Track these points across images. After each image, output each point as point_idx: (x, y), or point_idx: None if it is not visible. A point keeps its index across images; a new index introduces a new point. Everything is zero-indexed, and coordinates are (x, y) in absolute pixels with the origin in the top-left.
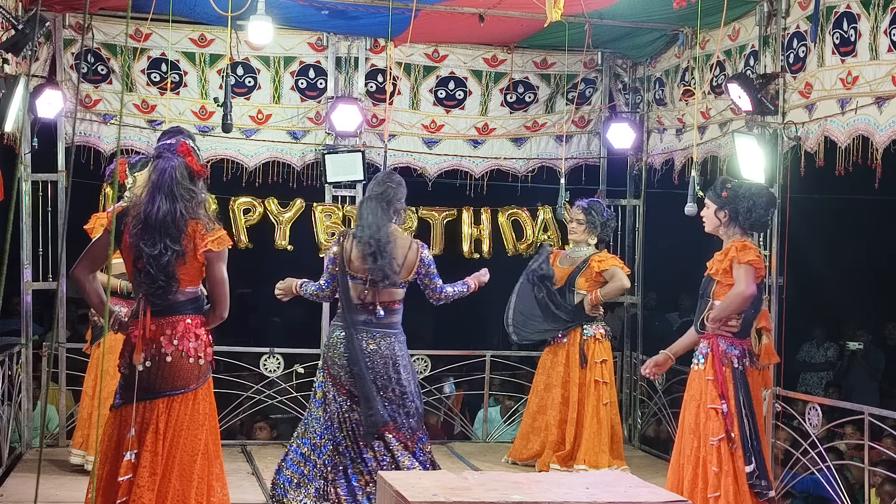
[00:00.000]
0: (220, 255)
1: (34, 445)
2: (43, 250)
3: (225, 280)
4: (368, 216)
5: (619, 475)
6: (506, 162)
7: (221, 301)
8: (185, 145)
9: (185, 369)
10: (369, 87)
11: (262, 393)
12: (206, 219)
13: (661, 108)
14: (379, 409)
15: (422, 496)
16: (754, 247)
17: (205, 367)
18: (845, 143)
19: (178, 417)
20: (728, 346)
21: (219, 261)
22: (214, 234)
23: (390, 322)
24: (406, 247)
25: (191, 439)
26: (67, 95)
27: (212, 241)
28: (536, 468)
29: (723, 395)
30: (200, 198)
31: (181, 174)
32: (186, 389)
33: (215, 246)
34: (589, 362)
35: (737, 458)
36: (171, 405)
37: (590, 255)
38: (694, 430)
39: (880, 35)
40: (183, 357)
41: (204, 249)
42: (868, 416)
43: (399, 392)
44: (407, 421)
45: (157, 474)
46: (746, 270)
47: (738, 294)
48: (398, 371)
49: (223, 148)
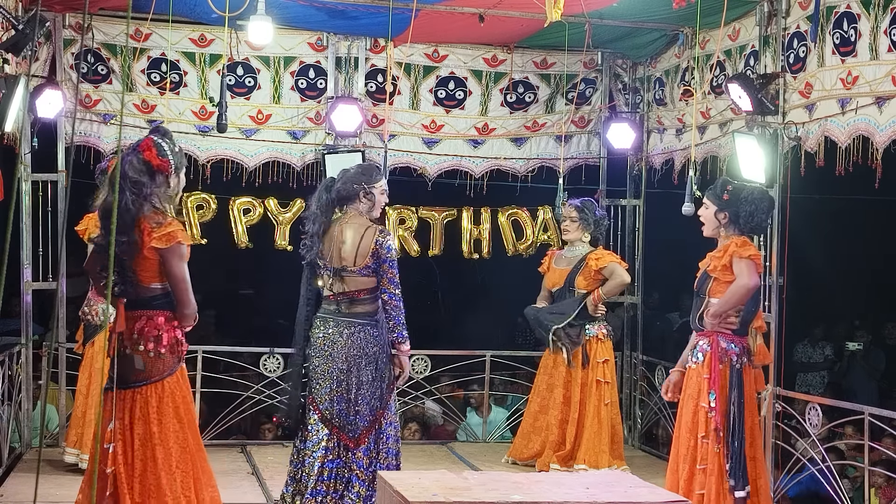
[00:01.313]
0: (172, 251)
1: (34, 445)
2: (43, 250)
3: (181, 278)
4: (312, 206)
5: (619, 475)
6: (506, 162)
7: (181, 299)
8: (147, 141)
9: (148, 363)
10: (369, 87)
11: (263, 393)
12: (154, 213)
13: (661, 108)
14: (296, 396)
15: (422, 496)
16: (752, 243)
17: (169, 361)
18: (845, 143)
19: (143, 408)
20: (728, 344)
21: (172, 257)
22: (162, 231)
23: (357, 312)
24: (360, 232)
25: (161, 427)
26: (67, 95)
27: (157, 237)
28: (536, 468)
29: (713, 392)
30: (147, 192)
31: (134, 168)
32: (148, 382)
33: (160, 243)
34: (591, 362)
35: (723, 456)
36: (136, 396)
37: (586, 254)
38: (691, 429)
39: (880, 35)
40: (142, 351)
41: (150, 246)
42: (868, 416)
43: (355, 385)
44: (353, 420)
45: (131, 465)
46: (748, 264)
47: (741, 286)
48: (358, 364)
49: (223, 148)
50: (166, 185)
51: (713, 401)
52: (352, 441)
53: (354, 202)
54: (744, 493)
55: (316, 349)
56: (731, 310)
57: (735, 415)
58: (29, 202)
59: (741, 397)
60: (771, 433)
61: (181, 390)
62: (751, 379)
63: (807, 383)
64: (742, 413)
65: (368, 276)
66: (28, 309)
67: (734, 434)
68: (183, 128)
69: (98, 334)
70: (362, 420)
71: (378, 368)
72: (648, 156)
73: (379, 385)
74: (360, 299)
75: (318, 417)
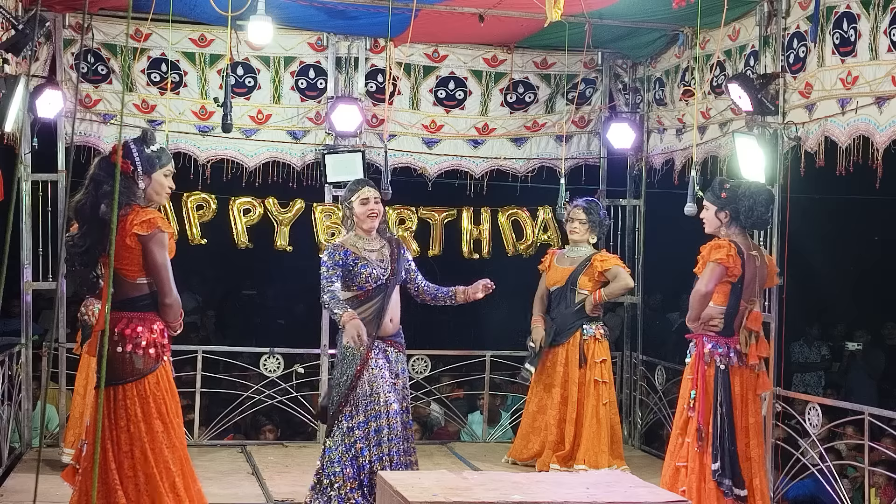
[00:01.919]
0: (152, 238)
1: (34, 445)
2: (43, 250)
3: (162, 265)
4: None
5: (618, 475)
6: (506, 162)
7: (161, 287)
8: (116, 146)
9: (126, 361)
10: (369, 87)
11: (262, 393)
12: (126, 205)
13: (661, 108)
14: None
15: (422, 496)
16: (729, 245)
17: (145, 363)
18: (845, 143)
19: (129, 407)
20: (713, 345)
21: (153, 244)
22: (141, 217)
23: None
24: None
25: (147, 428)
26: (67, 95)
27: (138, 224)
28: (536, 468)
29: (694, 392)
30: (107, 189)
31: (102, 170)
32: (124, 381)
33: (141, 229)
34: (588, 362)
35: (706, 456)
36: (118, 395)
37: (591, 255)
38: (680, 428)
39: (880, 35)
40: (120, 352)
41: (131, 232)
42: (868, 416)
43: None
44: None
45: (121, 463)
46: (711, 269)
47: (695, 291)
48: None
49: (223, 148)
50: (135, 186)
51: (692, 401)
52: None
53: (347, 221)
54: (742, 493)
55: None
56: (696, 315)
57: (723, 415)
58: (29, 202)
59: (728, 397)
60: (771, 433)
61: (162, 389)
62: (742, 380)
63: (804, 383)
64: (730, 413)
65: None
66: (28, 309)
67: (722, 434)
68: (183, 128)
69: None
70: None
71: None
72: (648, 156)
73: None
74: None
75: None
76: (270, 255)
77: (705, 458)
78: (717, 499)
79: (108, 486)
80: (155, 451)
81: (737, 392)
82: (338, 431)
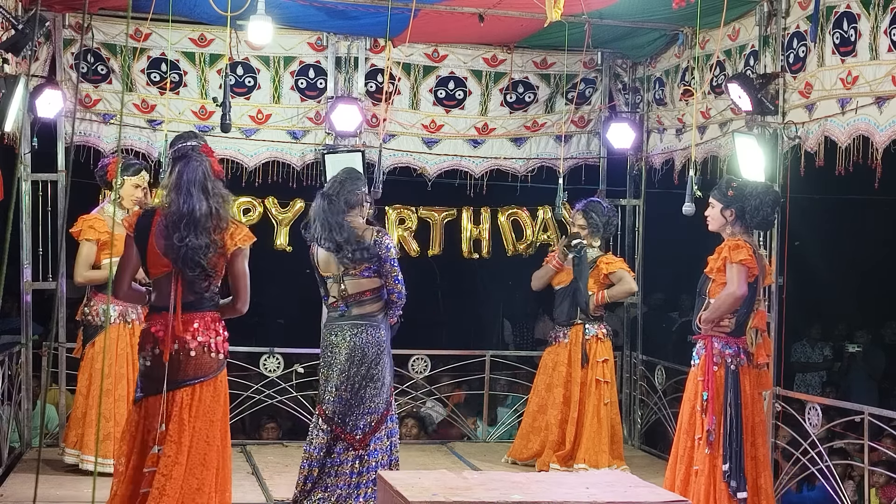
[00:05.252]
0: (245, 250)
1: (34, 445)
2: (43, 250)
3: (247, 273)
4: (319, 213)
5: (619, 475)
6: (506, 162)
7: (242, 294)
8: (207, 147)
9: (207, 362)
10: (369, 87)
11: (262, 393)
12: (233, 217)
13: (661, 108)
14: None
15: (422, 496)
16: (746, 245)
17: (223, 360)
18: (845, 143)
19: (201, 403)
20: (723, 346)
21: (242, 255)
22: (242, 231)
23: (362, 314)
24: (359, 234)
25: (211, 426)
26: (67, 95)
27: (240, 238)
28: (536, 468)
29: (706, 393)
30: (227, 196)
31: (210, 172)
32: (206, 378)
33: (243, 242)
34: (591, 361)
35: (716, 457)
36: (194, 394)
37: (597, 257)
38: (688, 430)
39: (880, 35)
40: (206, 351)
41: (235, 248)
42: (868, 416)
43: (358, 385)
44: (359, 420)
45: (182, 464)
46: (738, 270)
47: (729, 294)
48: (364, 362)
49: (223, 148)
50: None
51: (705, 403)
52: (357, 441)
53: (357, 207)
54: (744, 495)
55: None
56: (722, 317)
57: (732, 416)
58: (29, 202)
59: (738, 399)
60: (771, 433)
61: (226, 388)
62: (750, 379)
63: (805, 383)
64: (739, 414)
65: (370, 277)
66: (28, 309)
67: (731, 435)
68: (183, 128)
69: (99, 335)
70: (363, 420)
71: (379, 368)
72: (648, 156)
73: (380, 386)
74: (364, 300)
75: (322, 419)
76: (270, 255)
77: (717, 461)
78: (728, 501)
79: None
80: (213, 452)
81: (747, 392)
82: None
